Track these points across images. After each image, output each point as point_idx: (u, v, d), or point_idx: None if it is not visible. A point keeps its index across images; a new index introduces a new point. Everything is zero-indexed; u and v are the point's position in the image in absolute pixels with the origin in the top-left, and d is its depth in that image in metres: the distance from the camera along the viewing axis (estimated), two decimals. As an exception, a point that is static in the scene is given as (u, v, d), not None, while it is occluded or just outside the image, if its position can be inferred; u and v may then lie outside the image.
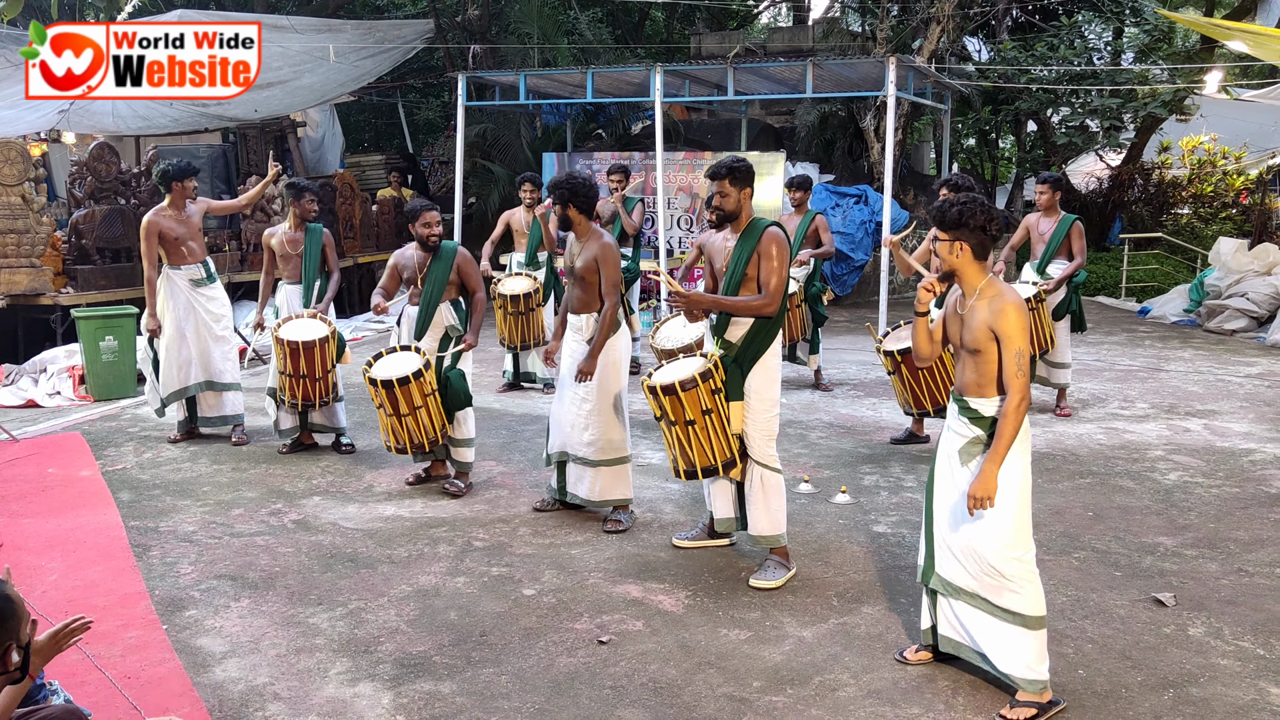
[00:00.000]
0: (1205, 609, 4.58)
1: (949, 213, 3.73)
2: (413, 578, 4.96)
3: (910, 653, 4.13)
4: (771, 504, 4.86)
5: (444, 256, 6.14)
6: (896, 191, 12.54)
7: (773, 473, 4.85)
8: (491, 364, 10.01)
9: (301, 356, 6.64)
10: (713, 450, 4.78)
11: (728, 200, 4.84)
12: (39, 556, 5.25)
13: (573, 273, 5.64)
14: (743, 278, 4.80)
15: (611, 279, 5.54)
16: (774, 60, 14.07)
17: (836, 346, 10.92)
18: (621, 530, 5.62)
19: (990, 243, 3.74)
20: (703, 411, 4.72)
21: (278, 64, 12.72)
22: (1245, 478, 6.48)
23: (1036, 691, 3.67)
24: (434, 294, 6.13)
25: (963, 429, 3.80)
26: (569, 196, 5.54)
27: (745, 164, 4.86)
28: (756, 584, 4.84)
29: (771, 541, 4.91)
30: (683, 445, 4.82)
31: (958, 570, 3.83)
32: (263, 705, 3.80)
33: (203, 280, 7.28)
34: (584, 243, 5.60)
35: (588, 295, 5.61)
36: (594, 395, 5.56)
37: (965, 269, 3.76)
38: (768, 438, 4.84)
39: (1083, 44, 16.36)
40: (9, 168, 9.73)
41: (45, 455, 7.15)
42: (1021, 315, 3.61)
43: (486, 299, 6.30)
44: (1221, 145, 18.00)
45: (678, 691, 3.88)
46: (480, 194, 16.13)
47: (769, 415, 4.83)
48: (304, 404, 6.83)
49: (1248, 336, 11.81)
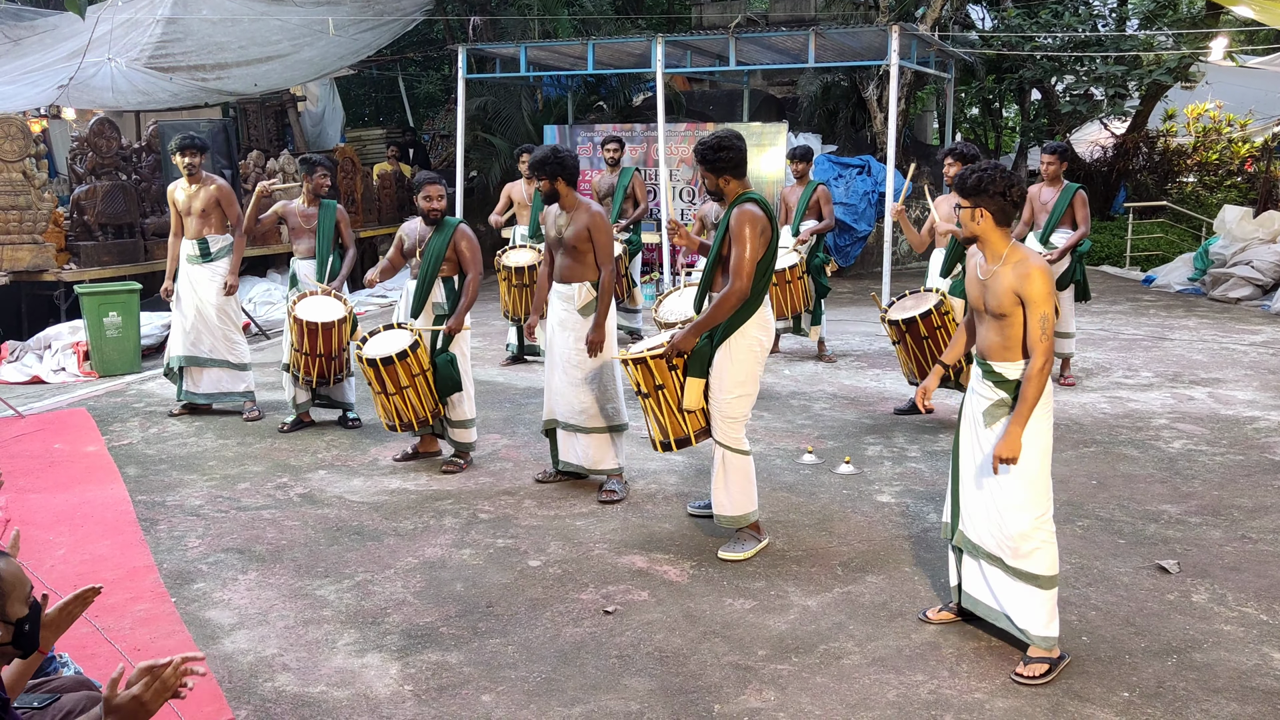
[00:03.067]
0: (1209, 576, 4.60)
1: (969, 180, 3.77)
2: (419, 550, 4.99)
3: (933, 612, 4.22)
4: (733, 485, 4.82)
5: (444, 231, 6.08)
6: (899, 161, 12.47)
7: (736, 454, 4.79)
8: (495, 337, 10.01)
9: (319, 336, 6.63)
10: (667, 426, 4.86)
11: (708, 182, 4.79)
12: (47, 531, 5.27)
13: (560, 243, 5.61)
14: (717, 257, 4.75)
15: (606, 248, 5.53)
16: (776, 30, 13.97)
17: (840, 318, 10.91)
18: (617, 500, 5.63)
19: (1011, 209, 3.78)
20: (655, 386, 4.78)
21: (276, 38, 12.64)
22: (1249, 445, 6.49)
23: (1048, 648, 3.79)
24: (430, 269, 6.07)
25: (987, 391, 3.85)
26: (558, 171, 5.49)
27: (724, 152, 4.67)
28: (724, 556, 4.83)
29: (737, 522, 4.87)
30: (656, 416, 4.89)
31: (981, 530, 3.92)
32: (272, 676, 3.83)
33: (194, 257, 7.25)
34: (572, 213, 5.56)
35: (579, 264, 5.58)
36: (585, 363, 5.57)
37: (988, 235, 3.79)
38: (730, 420, 4.75)
39: (1087, 10, 16.23)
40: (9, 144, 9.70)
41: (51, 431, 7.17)
42: (1047, 279, 3.66)
43: (481, 282, 6.22)
44: (1227, 113, 17.89)
45: (683, 660, 3.91)
46: (481, 167, 16.07)
47: (729, 398, 4.71)
48: (318, 380, 6.84)
49: (1252, 304, 11.78)
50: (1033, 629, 3.79)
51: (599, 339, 5.50)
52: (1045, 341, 3.65)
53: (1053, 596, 3.80)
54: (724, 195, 4.79)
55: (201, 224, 7.22)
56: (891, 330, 6.81)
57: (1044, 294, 3.64)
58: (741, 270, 4.55)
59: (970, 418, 3.94)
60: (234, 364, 7.39)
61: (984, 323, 3.87)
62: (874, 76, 15.00)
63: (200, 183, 7.20)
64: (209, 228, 7.24)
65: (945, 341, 6.63)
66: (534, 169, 5.58)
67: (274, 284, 12.58)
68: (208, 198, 7.18)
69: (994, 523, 3.85)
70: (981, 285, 3.83)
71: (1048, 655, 3.78)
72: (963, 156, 6.87)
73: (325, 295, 6.88)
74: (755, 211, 4.59)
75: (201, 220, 7.20)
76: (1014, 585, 3.84)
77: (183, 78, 11.78)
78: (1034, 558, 3.78)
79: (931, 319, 6.57)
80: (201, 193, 7.18)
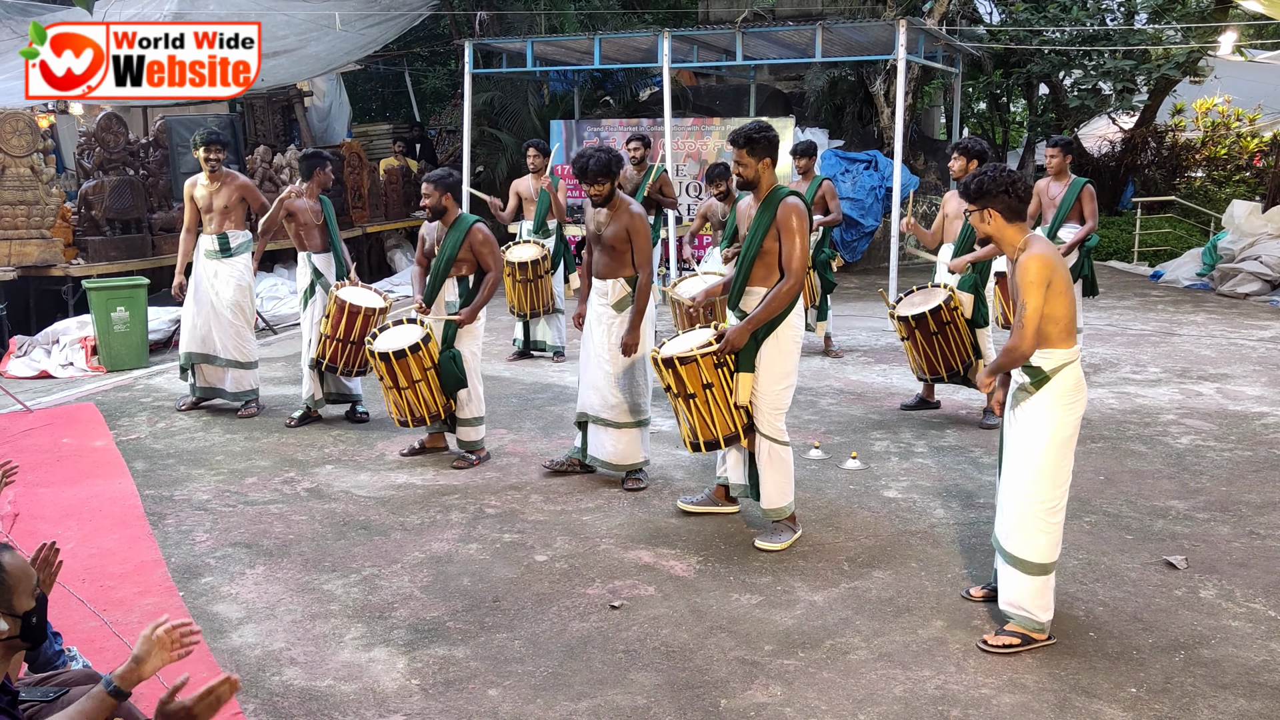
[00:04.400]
0: (1217, 571, 4.59)
1: (971, 186, 3.87)
2: (425, 544, 5.00)
3: (976, 590, 4.36)
4: (779, 477, 4.87)
5: (458, 229, 6.06)
6: (906, 157, 12.45)
7: (780, 446, 4.85)
8: (502, 333, 10.01)
9: (359, 320, 6.66)
10: (714, 423, 4.83)
11: (746, 169, 4.78)
12: (55, 525, 5.29)
13: (599, 240, 5.62)
14: (760, 250, 4.76)
15: (645, 250, 5.57)
16: (783, 24, 13.94)
17: (846, 313, 10.90)
18: (641, 488, 5.71)
19: (1018, 203, 3.84)
20: (703, 385, 4.76)
21: (283, 33, 12.64)
22: (1257, 441, 6.47)
23: (1027, 629, 3.91)
24: (442, 267, 6.07)
25: (1018, 375, 3.95)
26: (616, 173, 5.48)
27: (765, 134, 4.75)
28: (762, 546, 4.88)
29: (778, 514, 4.92)
30: (688, 417, 4.89)
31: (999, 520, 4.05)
32: (279, 670, 3.84)
33: (213, 252, 7.26)
34: (613, 212, 5.55)
35: (615, 262, 5.60)
36: (618, 360, 5.58)
37: (1002, 233, 3.88)
38: (776, 411, 4.83)
39: (1095, 4, 16.16)
40: (17, 139, 9.73)
41: (59, 425, 7.19)
42: (1042, 269, 3.69)
43: (499, 281, 6.20)
44: (1235, 107, 17.81)
45: (690, 655, 3.91)
46: (488, 163, 16.07)
47: (778, 389, 4.81)
48: (328, 366, 6.83)
49: (1261, 300, 11.74)
50: (1015, 610, 3.91)
51: (634, 341, 5.51)
52: (1021, 329, 3.69)
53: (1044, 584, 3.89)
54: (759, 185, 4.80)
55: (223, 219, 7.22)
56: (901, 326, 6.79)
57: (1029, 282, 3.69)
58: (795, 263, 4.65)
59: (1009, 405, 4.03)
60: (242, 363, 7.36)
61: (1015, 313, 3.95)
62: (881, 71, 14.97)
63: (222, 179, 7.21)
64: (230, 223, 7.24)
65: (955, 337, 6.62)
66: (596, 175, 5.41)
67: (280, 279, 12.60)
68: (231, 194, 7.19)
69: (1003, 508, 3.98)
70: (1010, 279, 3.91)
71: (1021, 632, 3.90)
72: (969, 152, 6.85)
73: (365, 288, 6.98)
74: (801, 206, 4.71)
75: (223, 216, 7.21)
76: (1004, 568, 3.96)
77: (190, 73, 11.77)
78: (1025, 543, 3.87)
79: (941, 314, 6.56)
80: (224, 189, 7.19)
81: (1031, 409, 3.83)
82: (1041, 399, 3.81)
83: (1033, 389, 3.83)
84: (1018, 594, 3.91)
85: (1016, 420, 3.90)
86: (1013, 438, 3.92)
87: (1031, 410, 3.83)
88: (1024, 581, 3.89)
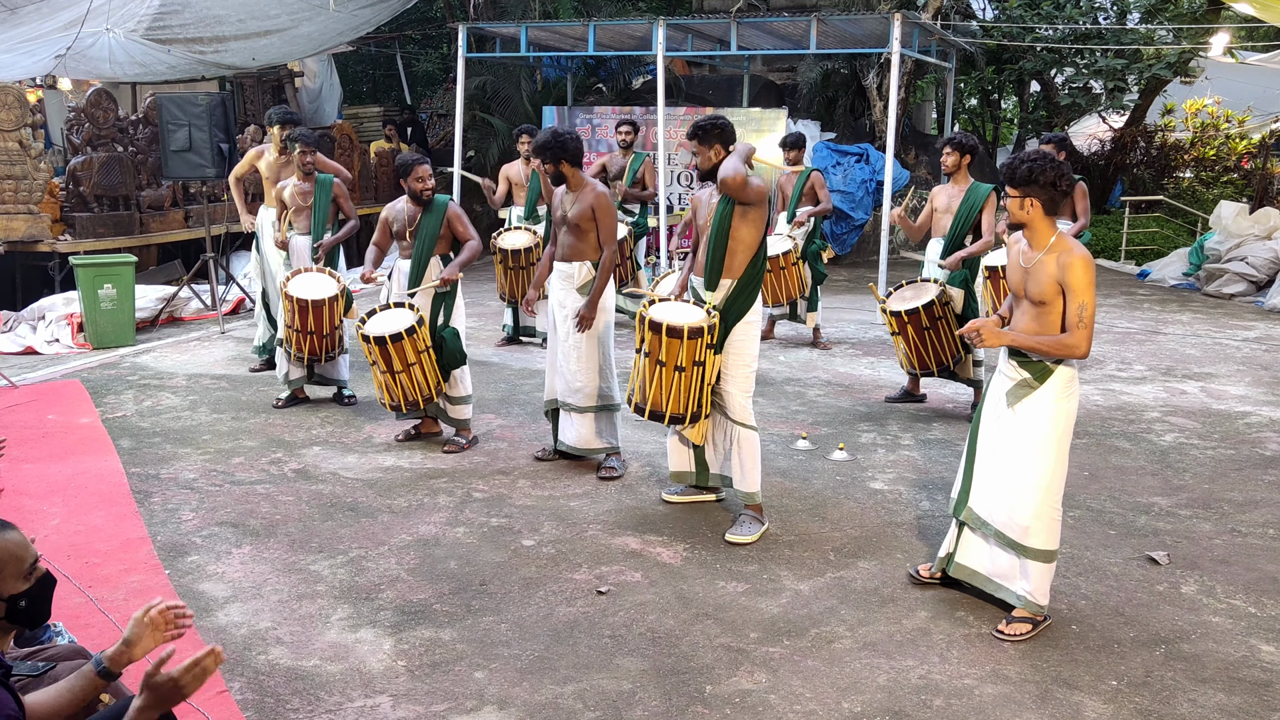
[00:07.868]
0: (1198, 568, 4.63)
1: (1019, 170, 3.83)
2: (413, 527, 5.00)
3: (924, 569, 4.43)
4: (747, 463, 4.91)
5: (435, 210, 6.12)
6: (898, 151, 12.47)
7: (749, 430, 4.90)
8: (491, 318, 10.00)
9: (310, 314, 6.61)
10: (669, 399, 4.85)
11: (701, 159, 4.87)
12: (40, 501, 5.27)
13: (565, 221, 5.63)
14: (729, 239, 4.81)
15: (610, 228, 5.59)
16: (778, 15, 13.94)
17: (835, 305, 10.92)
18: (616, 477, 5.68)
19: (1060, 198, 3.85)
20: (694, 363, 4.77)
21: (275, 12, 12.55)
22: (1240, 440, 6.52)
23: (1034, 613, 4.00)
24: (425, 248, 6.11)
25: (1011, 371, 3.96)
26: (560, 154, 5.54)
27: (713, 123, 4.82)
28: (732, 539, 4.87)
29: (754, 498, 4.95)
30: (647, 381, 4.87)
31: (992, 506, 4.07)
32: (265, 649, 3.84)
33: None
34: (577, 193, 5.59)
35: (581, 243, 5.62)
36: (582, 343, 5.59)
37: (1036, 224, 3.87)
38: (745, 394, 4.89)
39: (1088, 3, 16.21)
40: (5, 112, 9.64)
41: (45, 402, 7.15)
42: (1088, 269, 3.74)
43: (482, 247, 6.25)
44: (1225, 109, 17.89)
45: (675, 641, 3.93)
46: (479, 148, 16.01)
47: (746, 371, 4.89)
48: (310, 358, 6.82)
49: (1246, 300, 11.82)
50: (1031, 597, 3.98)
51: (590, 315, 5.51)
52: (1082, 329, 3.72)
53: (1053, 569, 4.01)
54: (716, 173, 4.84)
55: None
56: (892, 321, 6.79)
57: (1085, 283, 3.72)
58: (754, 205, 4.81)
59: (995, 397, 4.06)
60: None
61: (1020, 307, 3.97)
62: (874, 64, 14.97)
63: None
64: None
65: (946, 332, 6.65)
66: (537, 153, 5.61)
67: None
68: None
69: (1006, 501, 4.00)
70: (1023, 272, 3.91)
71: (1031, 617, 4.00)
72: (961, 146, 6.87)
73: (319, 274, 6.85)
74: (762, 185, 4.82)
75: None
76: (1018, 560, 4.01)
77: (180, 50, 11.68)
78: (1042, 535, 3.94)
79: (933, 309, 6.58)
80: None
81: (1036, 403, 3.87)
82: (1046, 393, 3.86)
83: (1036, 383, 3.86)
84: (1038, 583, 3.97)
85: (1017, 416, 3.92)
86: (1017, 434, 3.94)
87: (1037, 405, 3.87)
88: (1044, 571, 3.97)
